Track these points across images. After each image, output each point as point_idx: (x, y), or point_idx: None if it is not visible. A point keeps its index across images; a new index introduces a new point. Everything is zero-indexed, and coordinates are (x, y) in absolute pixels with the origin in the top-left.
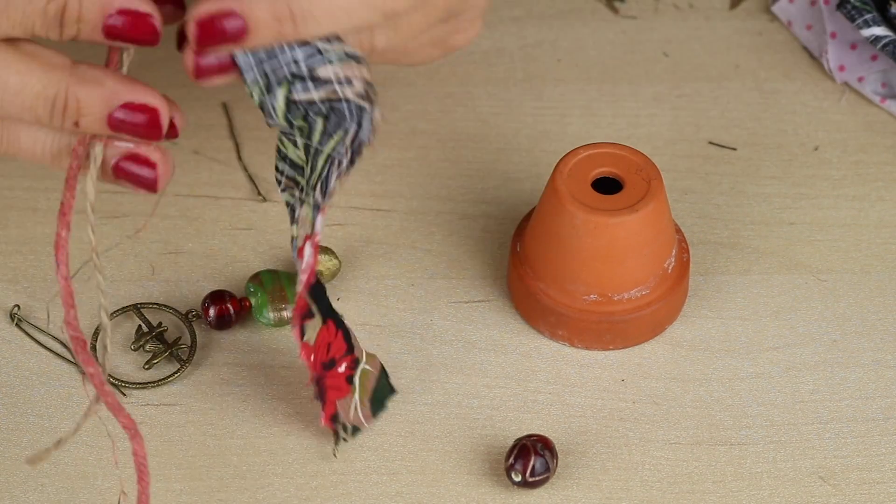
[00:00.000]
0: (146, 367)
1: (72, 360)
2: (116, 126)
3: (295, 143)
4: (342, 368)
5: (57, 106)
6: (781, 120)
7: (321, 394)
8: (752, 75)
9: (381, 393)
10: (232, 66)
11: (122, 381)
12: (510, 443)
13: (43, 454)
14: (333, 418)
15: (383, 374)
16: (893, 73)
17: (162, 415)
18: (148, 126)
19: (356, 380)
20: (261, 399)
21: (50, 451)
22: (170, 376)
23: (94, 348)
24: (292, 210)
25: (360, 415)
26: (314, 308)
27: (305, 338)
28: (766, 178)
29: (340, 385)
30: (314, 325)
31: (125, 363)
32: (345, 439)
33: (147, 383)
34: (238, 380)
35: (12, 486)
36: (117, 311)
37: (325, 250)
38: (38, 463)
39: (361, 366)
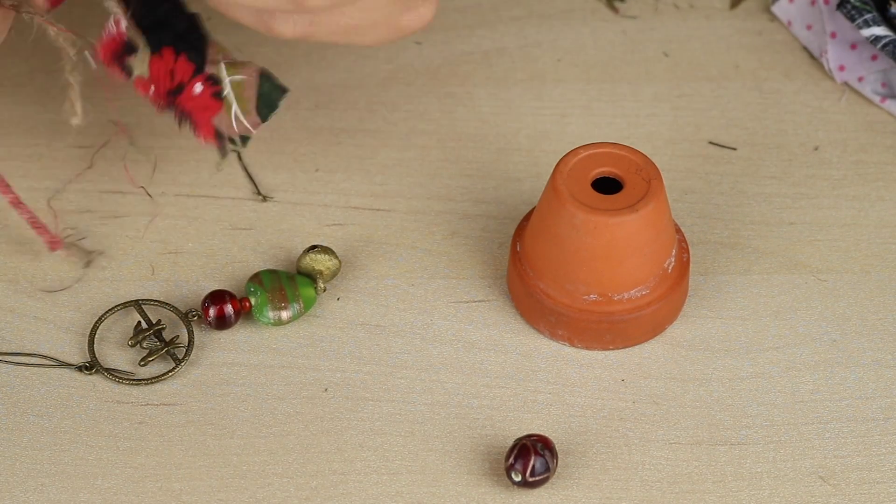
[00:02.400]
0: (142, 363)
1: (71, 362)
2: None
3: None
4: (199, 88)
5: None
6: (781, 120)
7: (182, 117)
8: (752, 75)
9: (269, 97)
10: None
11: (117, 376)
12: (510, 443)
13: None
14: (216, 135)
15: (265, 78)
16: (893, 73)
17: (162, 415)
18: None
19: (227, 93)
20: (261, 399)
21: None
22: (163, 375)
23: (92, 342)
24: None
25: (247, 123)
26: (137, 42)
27: (136, 73)
28: (766, 178)
29: (207, 104)
30: (142, 59)
31: (122, 358)
32: (235, 151)
33: (140, 380)
34: (238, 380)
35: (12, 486)
36: (119, 305)
37: (326, 250)
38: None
39: (228, 79)
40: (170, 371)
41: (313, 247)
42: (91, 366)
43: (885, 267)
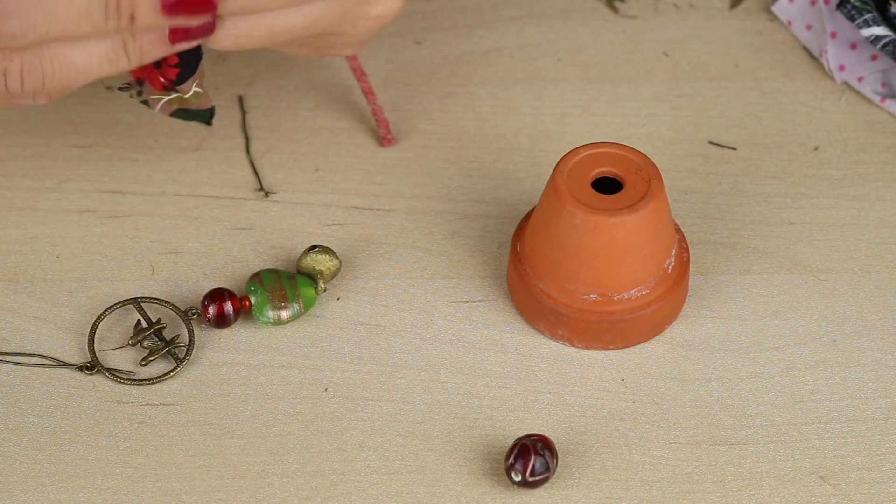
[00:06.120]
0: (143, 363)
1: (71, 362)
2: (171, 9)
3: None
4: (162, 80)
5: (111, 4)
6: (781, 120)
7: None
8: (752, 75)
9: (193, 115)
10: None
11: (118, 376)
12: (510, 443)
13: None
14: (138, 81)
15: (207, 112)
16: (893, 73)
17: (162, 414)
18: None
19: (171, 93)
20: (261, 399)
21: None
22: (165, 374)
23: (92, 341)
24: None
25: (159, 104)
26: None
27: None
28: (766, 178)
29: (154, 81)
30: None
31: (122, 358)
32: (131, 96)
33: (142, 380)
34: (238, 379)
35: (12, 486)
36: (118, 303)
37: (326, 250)
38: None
39: (174, 96)
40: (171, 371)
41: (313, 247)
42: (91, 366)
43: (885, 267)
